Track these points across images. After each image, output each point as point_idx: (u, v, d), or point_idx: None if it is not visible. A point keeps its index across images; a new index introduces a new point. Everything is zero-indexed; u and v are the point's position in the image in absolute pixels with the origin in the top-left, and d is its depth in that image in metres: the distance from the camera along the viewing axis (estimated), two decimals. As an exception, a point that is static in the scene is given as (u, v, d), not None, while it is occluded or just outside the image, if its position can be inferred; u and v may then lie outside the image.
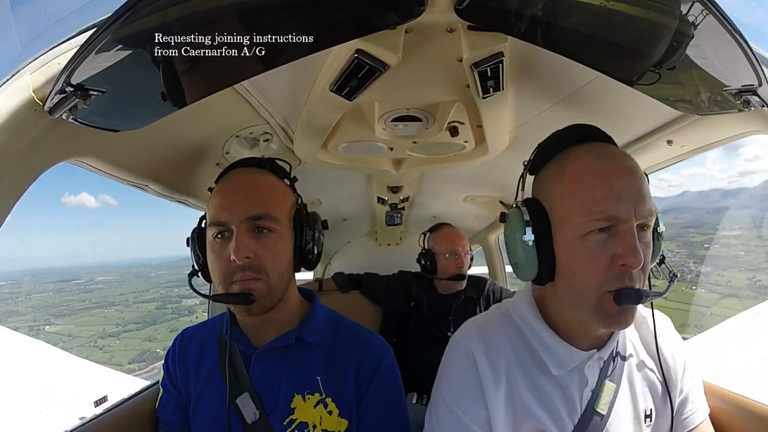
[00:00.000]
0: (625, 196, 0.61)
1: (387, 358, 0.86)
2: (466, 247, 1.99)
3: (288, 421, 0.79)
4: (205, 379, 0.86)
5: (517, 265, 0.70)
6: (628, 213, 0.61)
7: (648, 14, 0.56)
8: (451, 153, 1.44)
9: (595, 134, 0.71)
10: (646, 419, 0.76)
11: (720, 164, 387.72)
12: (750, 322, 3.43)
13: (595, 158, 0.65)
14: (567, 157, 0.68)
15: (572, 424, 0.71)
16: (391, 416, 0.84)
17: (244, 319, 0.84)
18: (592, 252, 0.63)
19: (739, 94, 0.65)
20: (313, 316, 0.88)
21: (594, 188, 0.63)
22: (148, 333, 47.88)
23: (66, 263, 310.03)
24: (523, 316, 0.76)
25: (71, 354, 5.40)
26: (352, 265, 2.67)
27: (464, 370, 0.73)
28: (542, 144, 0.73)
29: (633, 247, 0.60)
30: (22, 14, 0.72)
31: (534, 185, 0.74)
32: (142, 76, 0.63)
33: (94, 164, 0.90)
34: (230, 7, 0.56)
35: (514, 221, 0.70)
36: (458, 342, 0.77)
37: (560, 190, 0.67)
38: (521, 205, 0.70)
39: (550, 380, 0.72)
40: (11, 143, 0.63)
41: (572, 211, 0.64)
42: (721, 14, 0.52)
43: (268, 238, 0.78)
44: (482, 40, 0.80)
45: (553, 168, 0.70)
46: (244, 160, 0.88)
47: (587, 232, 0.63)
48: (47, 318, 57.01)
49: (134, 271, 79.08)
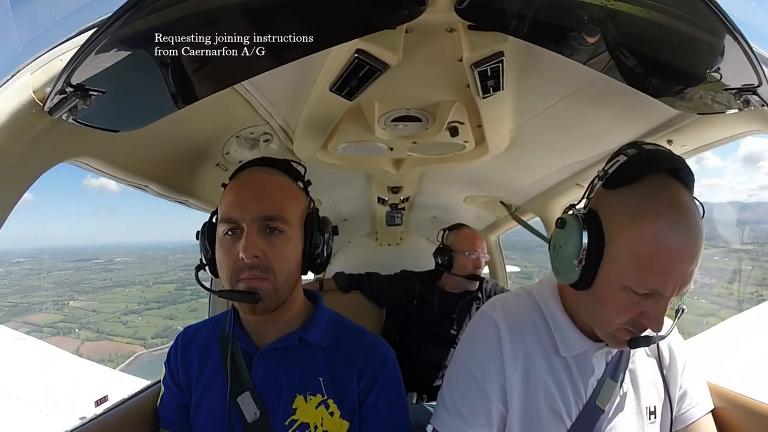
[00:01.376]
0: (676, 278, 0.64)
1: (390, 362, 0.86)
2: (485, 251, 2.03)
3: (289, 422, 0.79)
4: (207, 377, 0.86)
5: (559, 270, 0.73)
6: (672, 291, 0.65)
7: (648, 14, 0.56)
8: (451, 153, 1.44)
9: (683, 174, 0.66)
10: (651, 415, 0.80)
11: (740, 176, 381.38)
12: (750, 322, 3.43)
13: (670, 228, 0.63)
14: (646, 199, 0.65)
15: (577, 409, 0.76)
16: (393, 419, 0.84)
17: (247, 317, 0.84)
18: (626, 304, 0.67)
19: (739, 94, 0.65)
20: (316, 317, 0.88)
21: (656, 265, 0.63)
22: (169, 312, 48.79)
23: (83, 243, 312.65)
24: (545, 299, 0.81)
25: (77, 337, 5.42)
26: (353, 265, 2.67)
27: (488, 340, 0.78)
28: (630, 159, 0.68)
29: (660, 317, 0.66)
30: (22, 14, 0.72)
31: (601, 199, 0.70)
32: (142, 77, 0.63)
33: (94, 164, 0.90)
34: (230, 7, 0.56)
35: (572, 232, 0.69)
36: (485, 315, 0.82)
37: (626, 236, 0.65)
38: (583, 219, 0.69)
39: (562, 362, 0.77)
40: (11, 143, 0.63)
41: (627, 264, 0.65)
42: (721, 14, 0.52)
43: (278, 239, 0.78)
44: (482, 39, 0.79)
45: (629, 201, 0.66)
46: (259, 159, 0.87)
47: (629, 287, 0.66)
48: (71, 294, 58.28)
49: (151, 253, 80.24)
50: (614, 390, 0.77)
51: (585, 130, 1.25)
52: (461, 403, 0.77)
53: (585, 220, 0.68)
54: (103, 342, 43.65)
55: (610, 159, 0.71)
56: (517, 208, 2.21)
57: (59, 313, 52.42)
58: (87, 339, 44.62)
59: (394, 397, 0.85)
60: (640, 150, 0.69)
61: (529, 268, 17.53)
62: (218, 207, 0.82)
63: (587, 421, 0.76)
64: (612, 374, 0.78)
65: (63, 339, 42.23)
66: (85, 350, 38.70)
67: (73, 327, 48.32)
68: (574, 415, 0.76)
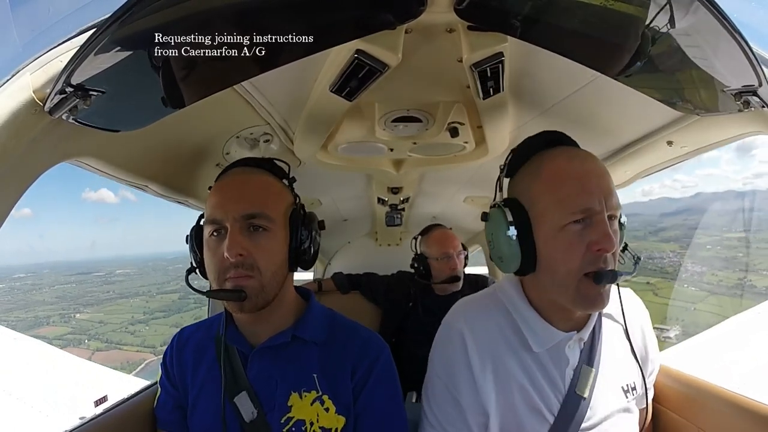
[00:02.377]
0: (596, 191, 0.70)
1: (384, 356, 0.86)
2: (458, 248, 1.94)
3: (285, 419, 0.79)
4: (202, 378, 0.86)
5: (501, 258, 0.77)
6: (600, 205, 0.69)
7: (648, 14, 0.56)
8: (451, 154, 1.44)
9: (564, 140, 0.79)
10: (632, 391, 0.83)
11: (734, 165, 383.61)
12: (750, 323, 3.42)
13: (568, 159, 0.74)
14: (541, 159, 0.76)
15: (558, 402, 0.77)
16: (388, 413, 0.84)
17: (239, 317, 0.85)
18: (571, 241, 0.70)
19: (739, 95, 0.65)
20: (309, 314, 0.88)
21: (569, 186, 0.70)
22: (174, 320, 49.29)
23: (83, 256, 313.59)
24: (509, 297, 0.82)
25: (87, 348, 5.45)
26: (352, 266, 2.67)
27: (455, 352, 0.79)
28: (516, 148, 0.80)
29: (606, 233, 0.69)
30: (22, 14, 0.72)
31: (510, 186, 0.80)
32: (143, 77, 0.63)
33: (94, 164, 0.90)
34: (230, 7, 0.56)
35: (496, 219, 0.76)
36: (449, 325, 0.83)
37: (538, 188, 0.74)
38: (501, 204, 0.76)
39: (533, 357, 0.78)
40: (11, 143, 0.63)
41: (550, 207, 0.71)
42: (721, 14, 0.52)
43: (262, 236, 0.79)
44: (482, 40, 0.80)
45: (529, 170, 0.77)
46: (242, 160, 0.88)
47: (565, 224, 0.70)
48: (76, 307, 59.16)
49: (151, 264, 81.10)
50: (592, 375, 0.79)
51: (585, 132, 1.24)
52: (440, 415, 0.80)
53: (503, 204, 0.76)
54: (113, 351, 44.78)
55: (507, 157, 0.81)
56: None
57: (66, 326, 53.27)
58: (97, 349, 45.71)
59: (389, 392, 0.85)
60: (526, 139, 0.80)
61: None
62: (205, 210, 0.83)
63: (570, 411, 0.76)
64: (587, 360, 0.80)
65: (73, 350, 42.65)
66: (96, 359, 39.28)
67: (82, 338, 49.36)
68: (555, 408, 0.77)
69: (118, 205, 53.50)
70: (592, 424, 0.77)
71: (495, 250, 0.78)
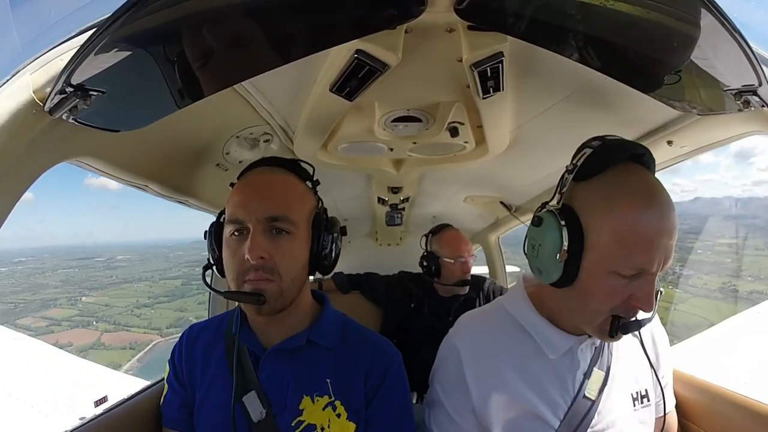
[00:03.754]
0: (659, 254, 0.65)
1: (396, 363, 0.86)
2: (472, 251, 1.95)
3: (296, 422, 0.79)
4: (211, 377, 0.86)
5: (540, 270, 0.72)
6: (657, 267, 0.66)
7: (648, 14, 0.56)
8: (451, 153, 1.44)
9: (648, 161, 0.70)
10: (643, 399, 0.81)
11: (732, 172, 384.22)
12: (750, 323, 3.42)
13: (648, 206, 0.65)
14: (620, 183, 0.67)
15: (566, 406, 0.76)
16: (398, 420, 0.84)
17: (254, 318, 0.84)
18: (614, 289, 0.67)
19: (739, 94, 0.65)
20: (323, 318, 0.88)
21: (640, 243, 0.65)
22: (178, 304, 50.07)
23: (82, 242, 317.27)
24: (518, 308, 0.81)
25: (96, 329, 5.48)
26: (353, 265, 2.67)
27: (451, 370, 0.79)
28: (596, 151, 0.70)
29: (650, 295, 0.66)
30: (22, 14, 0.72)
31: (573, 192, 0.71)
32: (142, 77, 0.63)
33: (94, 164, 0.89)
34: (230, 7, 0.56)
35: (551, 233, 0.69)
36: (448, 342, 0.83)
37: (606, 220, 0.66)
38: (559, 215, 0.69)
39: (545, 365, 0.77)
40: (11, 143, 0.63)
41: (610, 249, 0.66)
42: (721, 14, 0.52)
43: (284, 240, 0.77)
44: (482, 40, 0.79)
45: (602, 187, 0.68)
46: (267, 159, 0.86)
47: (616, 271, 0.66)
48: (81, 290, 60.04)
49: (152, 251, 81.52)
50: (601, 379, 0.78)
51: (585, 131, 1.24)
52: (437, 429, 0.81)
53: (561, 213, 0.69)
54: (121, 333, 45.39)
55: (577, 152, 0.73)
56: (517, 208, 2.21)
57: (74, 308, 54.15)
58: (106, 330, 46.38)
59: (400, 399, 0.85)
60: (605, 141, 0.71)
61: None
62: (226, 207, 0.82)
63: (577, 413, 0.76)
64: (597, 363, 0.79)
65: (83, 331, 45.03)
66: (105, 340, 41.57)
67: (90, 320, 50.22)
68: (562, 412, 0.76)
69: (119, 192, 52.75)
70: (600, 428, 0.77)
71: (536, 259, 0.73)
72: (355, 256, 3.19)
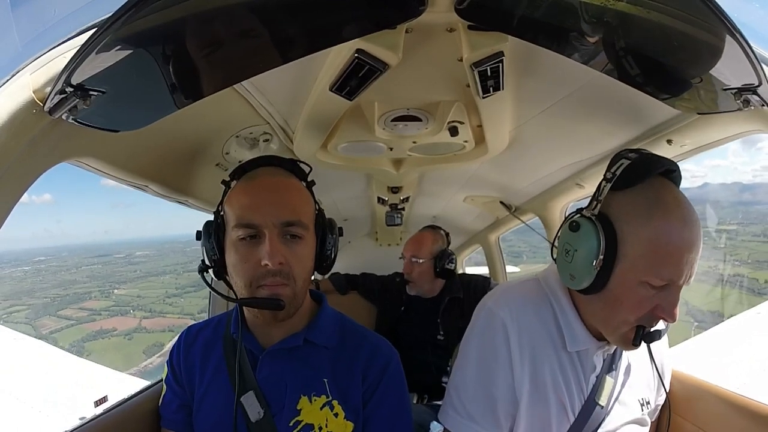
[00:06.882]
0: (687, 266, 0.68)
1: (393, 363, 0.86)
2: (417, 253, 1.87)
3: (294, 422, 0.79)
4: (209, 377, 0.86)
5: (573, 276, 0.73)
6: (683, 279, 0.69)
7: (649, 14, 0.56)
8: (450, 153, 1.44)
9: (675, 173, 0.73)
10: (647, 405, 0.84)
11: (741, 157, 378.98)
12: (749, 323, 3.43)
13: (683, 223, 0.68)
14: (655, 198, 0.69)
15: (580, 404, 0.78)
16: (397, 420, 0.84)
17: (253, 319, 0.84)
18: (642, 299, 0.69)
19: (739, 93, 0.65)
20: (321, 318, 0.87)
21: (672, 256, 0.67)
22: (204, 293, 51.17)
23: (98, 239, 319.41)
24: (554, 291, 0.81)
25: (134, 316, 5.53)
26: (353, 266, 2.67)
27: (495, 340, 0.78)
28: (631, 165, 0.71)
29: (675, 305, 0.69)
30: (22, 14, 0.71)
31: (611, 198, 0.72)
32: (142, 77, 0.63)
33: (93, 164, 0.89)
34: (230, 7, 0.56)
35: (588, 241, 0.70)
36: (491, 312, 0.81)
37: (641, 233, 0.68)
38: (598, 223, 0.70)
39: (568, 356, 0.79)
40: (11, 143, 0.63)
41: (644, 261, 0.68)
42: (721, 14, 0.52)
43: (298, 244, 0.78)
44: (482, 39, 0.79)
45: (640, 201, 0.70)
46: (265, 158, 0.85)
47: (646, 281, 0.68)
48: (110, 284, 62.36)
49: (168, 246, 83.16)
50: (611, 386, 0.79)
51: (585, 130, 1.25)
52: (469, 404, 0.78)
53: (601, 225, 0.70)
54: (158, 318, 48.66)
55: (614, 161, 0.74)
56: (517, 208, 2.21)
57: (109, 300, 56.54)
58: (144, 317, 49.34)
59: (397, 398, 0.85)
60: (641, 154, 0.73)
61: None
62: (225, 207, 0.80)
63: (587, 417, 0.77)
64: (608, 371, 0.80)
65: (123, 318, 48.60)
66: (146, 324, 45.93)
67: (128, 309, 52.77)
68: (576, 410, 0.78)
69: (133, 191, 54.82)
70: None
71: (570, 265, 0.73)
72: (355, 257, 3.19)
